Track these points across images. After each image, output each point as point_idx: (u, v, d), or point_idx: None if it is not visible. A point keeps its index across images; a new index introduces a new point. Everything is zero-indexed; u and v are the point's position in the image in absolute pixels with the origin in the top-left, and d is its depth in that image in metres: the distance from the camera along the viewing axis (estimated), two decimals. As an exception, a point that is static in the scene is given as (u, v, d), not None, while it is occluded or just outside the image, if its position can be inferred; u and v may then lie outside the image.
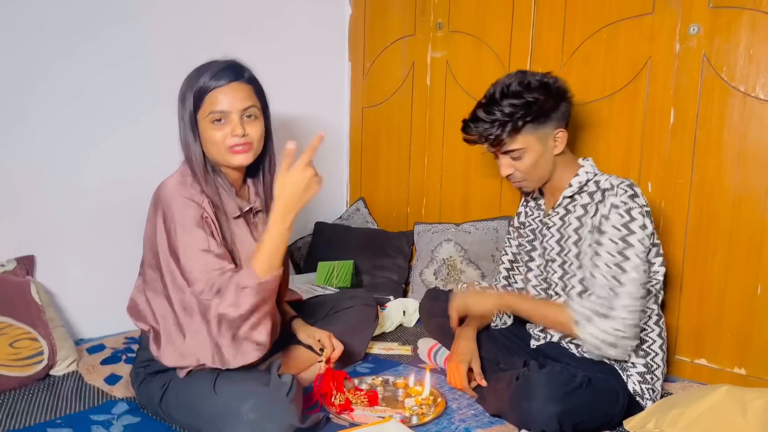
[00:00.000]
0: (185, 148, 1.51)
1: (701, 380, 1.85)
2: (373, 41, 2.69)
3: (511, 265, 1.87)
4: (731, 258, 1.80)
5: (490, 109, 1.57)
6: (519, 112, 1.54)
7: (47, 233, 1.96)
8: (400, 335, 2.22)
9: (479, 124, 1.59)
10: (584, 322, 1.49)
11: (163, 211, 1.45)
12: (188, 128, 1.48)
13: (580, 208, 1.62)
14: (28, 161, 1.90)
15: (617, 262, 1.50)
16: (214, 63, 1.50)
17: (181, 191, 1.46)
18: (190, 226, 1.42)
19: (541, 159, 1.60)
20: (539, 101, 1.55)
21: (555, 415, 1.39)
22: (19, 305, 1.75)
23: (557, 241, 1.67)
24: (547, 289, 1.71)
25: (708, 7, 1.78)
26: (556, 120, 1.60)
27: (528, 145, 1.58)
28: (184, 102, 1.48)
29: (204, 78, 1.45)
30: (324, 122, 2.73)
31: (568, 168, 1.65)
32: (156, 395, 1.49)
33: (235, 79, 1.46)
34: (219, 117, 1.45)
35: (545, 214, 1.73)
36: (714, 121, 1.81)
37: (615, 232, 1.51)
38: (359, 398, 1.63)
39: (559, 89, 1.61)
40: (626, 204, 1.51)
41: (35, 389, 1.67)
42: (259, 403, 1.35)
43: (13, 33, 1.83)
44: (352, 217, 2.79)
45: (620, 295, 1.48)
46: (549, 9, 2.12)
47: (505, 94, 1.56)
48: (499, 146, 1.59)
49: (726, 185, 1.80)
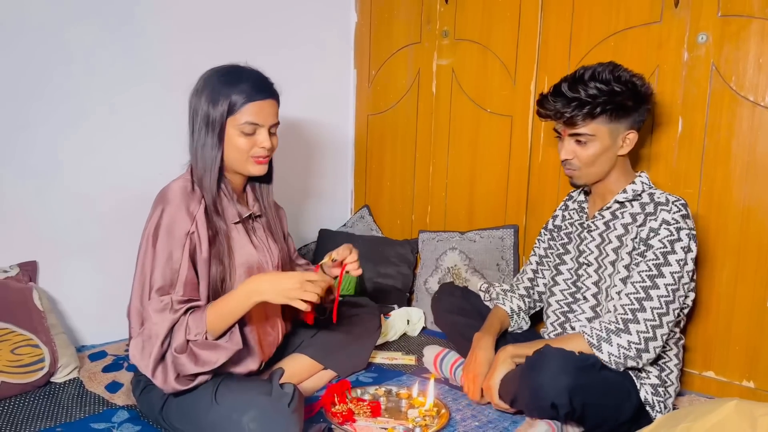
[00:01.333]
0: (199, 149, 1.51)
1: (709, 393, 1.83)
2: (379, 49, 2.68)
3: (537, 267, 1.87)
4: (740, 269, 1.78)
5: (575, 87, 1.56)
6: (602, 98, 1.53)
7: (50, 239, 1.95)
8: (404, 344, 2.20)
9: (559, 99, 1.58)
10: (602, 343, 1.48)
11: (162, 209, 1.47)
12: (214, 130, 1.49)
13: (628, 216, 1.61)
14: (31, 167, 1.90)
15: (651, 275, 1.49)
16: (245, 71, 1.53)
17: (182, 198, 1.48)
18: (172, 239, 1.45)
19: (605, 153, 1.59)
20: (624, 95, 1.54)
21: (565, 388, 1.37)
22: (20, 311, 1.74)
23: (597, 245, 1.66)
24: (575, 293, 1.70)
25: (717, 16, 1.77)
26: (632, 121, 1.59)
27: (598, 134, 1.57)
28: (216, 104, 1.48)
29: (243, 87, 1.48)
30: (329, 129, 2.73)
31: (625, 174, 1.65)
32: (157, 404, 1.48)
33: (271, 95, 1.53)
34: (253, 129, 1.50)
35: (588, 218, 1.72)
36: (723, 130, 1.79)
37: (659, 246, 1.50)
38: (362, 409, 1.61)
39: (645, 92, 1.60)
40: (677, 223, 1.51)
41: (36, 396, 1.66)
42: (260, 413, 1.33)
43: (16, 37, 1.83)
44: (357, 224, 2.77)
45: (645, 309, 1.47)
46: (556, 17, 2.11)
47: (595, 77, 1.55)
48: (570, 126, 1.58)
49: (734, 196, 1.78)
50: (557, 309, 1.75)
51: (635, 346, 1.47)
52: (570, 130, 1.59)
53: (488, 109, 2.33)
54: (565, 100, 1.56)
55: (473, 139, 2.39)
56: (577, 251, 1.72)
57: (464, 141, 2.42)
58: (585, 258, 1.69)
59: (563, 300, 1.73)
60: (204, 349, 1.40)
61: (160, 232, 1.45)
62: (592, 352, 1.49)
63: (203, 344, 1.40)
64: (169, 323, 1.39)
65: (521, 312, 1.86)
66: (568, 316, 1.71)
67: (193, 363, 1.39)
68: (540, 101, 1.65)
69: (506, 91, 2.26)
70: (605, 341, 1.48)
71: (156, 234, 1.45)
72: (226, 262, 1.51)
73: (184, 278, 1.44)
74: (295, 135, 2.59)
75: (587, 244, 1.69)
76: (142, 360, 1.41)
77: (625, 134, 1.60)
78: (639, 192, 1.62)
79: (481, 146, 2.37)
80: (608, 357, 1.48)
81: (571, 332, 1.62)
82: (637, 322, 1.47)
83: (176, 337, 1.39)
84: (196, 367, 1.39)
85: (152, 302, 1.41)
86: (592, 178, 1.65)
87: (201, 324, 1.40)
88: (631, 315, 1.48)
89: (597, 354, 1.48)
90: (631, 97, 1.56)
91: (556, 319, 1.74)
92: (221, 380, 1.44)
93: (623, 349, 1.47)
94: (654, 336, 1.47)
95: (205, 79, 1.53)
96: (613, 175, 1.65)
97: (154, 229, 1.46)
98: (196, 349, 1.39)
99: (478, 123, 2.37)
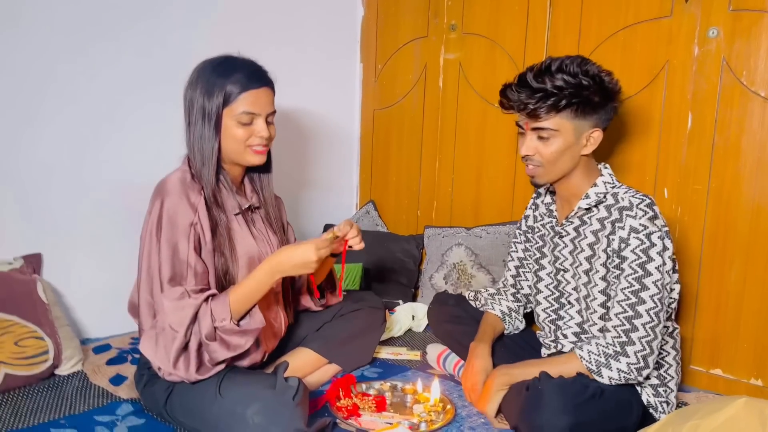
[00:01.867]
0: (196, 142, 1.50)
1: (717, 391, 1.82)
2: (385, 43, 2.67)
3: (517, 271, 1.83)
4: (749, 267, 1.77)
5: (541, 77, 1.48)
6: (568, 90, 1.45)
7: (55, 232, 1.94)
8: (409, 340, 2.19)
9: (523, 90, 1.49)
10: (602, 369, 1.45)
11: (162, 201, 1.46)
12: (210, 122, 1.48)
13: (596, 222, 1.56)
14: (36, 160, 1.89)
15: (635, 290, 1.46)
16: (238, 61, 1.52)
17: (181, 189, 1.47)
18: (176, 229, 1.44)
19: (567, 151, 1.52)
20: (591, 89, 1.47)
21: (567, 427, 1.34)
22: (25, 304, 1.74)
23: (570, 252, 1.62)
24: (558, 298, 1.67)
25: (728, 10, 1.75)
26: (597, 119, 1.52)
27: (561, 130, 1.49)
28: (211, 95, 1.47)
29: (238, 76, 1.47)
30: (335, 124, 2.72)
31: (588, 174, 1.58)
32: (161, 398, 1.47)
33: (266, 84, 1.52)
34: (250, 119, 1.49)
35: (558, 223, 1.67)
36: (733, 126, 1.77)
37: (634, 258, 1.46)
38: (367, 403, 1.60)
39: (612, 89, 1.52)
40: (646, 228, 1.46)
41: (39, 389, 1.66)
42: (264, 406, 1.33)
43: (21, 32, 1.82)
44: (362, 219, 2.76)
45: (637, 328, 1.44)
46: (564, 11, 2.09)
47: (562, 69, 1.47)
48: (533, 119, 1.50)
49: (744, 192, 1.77)
50: (546, 318, 1.71)
51: (635, 367, 1.44)
52: (533, 124, 1.51)
53: (495, 104, 2.31)
54: (529, 91, 1.48)
55: (480, 134, 2.37)
56: (553, 256, 1.67)
57: (471, 136, 2.41)
58: (561, 264, 1.65)
59: (549, 307, 1.70)
60: (232, 335, 1.41)
61: (162, 223, 1.44)
62: (591, 377, 1.47)
63: (231, 330, 1.40)
64: (192, 311, 1.38)
65: (512, 312, 1.82)
66: (558, 324, 1.68)
67: (225, 348, 1.40)
68: (503, 91, 1.55)
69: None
70: (605, 366, 1.45)
71: (159, 226, 1.44)
72: (228, 254, 1.51)
73: (194, 268, 1.44)
74: (300, 129, 2.58)
75: (560, 250, 1.64)
76: (157, 353, 1.41)
77: (590, 132, 1.51)
78: (602, 194, 1.55)
79: (488, 141, 2.35)
80: (609, 381, 1.45)
81: (567, 353, 1.58)
82: (633, 343, 1.44)
83: (203, 324, 1.39)
84: (228, 352, 1.40)
85: (166, 293, 1.40)
86: (553, 176, 1.57)
87: (225, 309, 1.40)
88: (625, 337, 1.45)
89: (597, 378, 1.46)
90: (598, 93, 1.48)
91: (548, 327, 1.72)
92: (225, 373, 1.43)
93: (623, 373, 1.44)
94: (651, 350, 1.45)
95: (199, 71, 1.51)
96: (576, 175, 1.57)
97: (156, 221, 1.44)
98: (224, 336, 1.40)
99: (485, 118, 2.35)
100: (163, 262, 1.42)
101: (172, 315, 1.39)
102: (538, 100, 1.47)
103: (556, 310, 1.69)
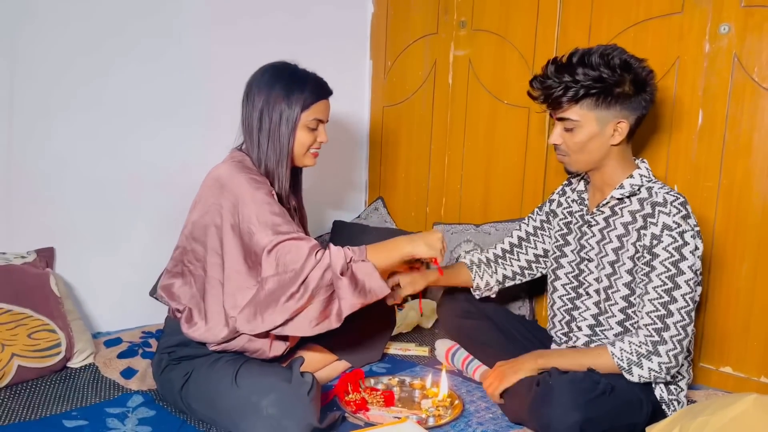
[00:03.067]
0: (272, 141, 1.56)
1: (726, 389, 1.81)
2: (395, 39, 2.67)
3: (520, 243, 1.84)
4: (759, 264, 1.76)
5: (561, 69, 1.51)
6: (586, 82, 1.47)
7: (68, 225, 1.96)
8: (417, 336, 2.20)
9: (546, 81, 1.53)
10: (633, 367, 1.45)
11: (230, 188, 1.48)
12: (289, 124, 1.56)
13: (627, 214, 1.56)
14: (49, 153, 1.91)
15: (668, 289, 1.45)
16: (307, 71, 1.63)
17: (247, 172, 1.52)
18: (264, 197, 1.48)
19: (593, 141, 1.52)
20: (611, 80, 1.47)
21: (577, 424, 1.34)
22: (38, 297, 1.76)
23: (598, 242, 1.62)
24: (577, 288, 1.67)
25: (740, 6, 1.74)
26: (625, 109, 1.51)
27: (583, 121, 1.51)
28: (289, 100, 1.55)
29: (312, 86, 1.60)
30: (344, 120, 2.72)
31: (623, 165, 1.57)
32: (178, 383, 1.50)
33: (330, 94, 1.65)
34: (317, 125, 1.62)
35: (588, 211, 1.67)
36: (744, 123, 1.76)
37: (667, 256, 1.46)
38: (375, 398, 1.61)
39: (643, 79, 1.52)
40: (679, 226, 1.46)
41: (52, 381, 1.68)
42: (280, 398, 1.34)
43: (36, 26, 1.84)
44: (371, 216, 2.77)
45: (669, 326, 1.44)
46: (575, 7, 2.09)
47: (583, 61, 1.49)
48: (556, 109, 1.54)
49: (755, 190, 1.76)
50: (561, 306, 1.71)
51: (665, 366, 1.44)
52: (557, 114, 1.54)
53: (505, 101, 2.31)
54: (550, 82, 1.52)
55: (489, 130, 2.37)
56: (578, 245, 1.68)
57: (480, 133, 2.41)
58: (587, 254, 1.65)
59: (566, 295, 1.70)
60: (364, 276, 1.42)
61: (246, 186, 1.47)
62: (616, 371, 1.46)
63: (365, 270, 1.42)
64: (307, 246, 1.40)
65: (482, 264, 1.84)
66: (573, 315, 1.68)
67: (353, 288, 1.40)
68: (530, 82, 1.60)
69: (524, 83, 2.20)
70: (636, 365, 1.45)
71: (246, 188, 1.47)
72: None
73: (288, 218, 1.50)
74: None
75: (588, 239, 1.65)
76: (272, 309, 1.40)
77: (616, 122, 1.51)
78: (637, 187, 1.55)
79: (498, 138, 2.35)
80: (638, 378, 1.45)
81: (598, 346, 1.58)
82: (665, 342, 1.44)
83: (335, 259, 1.40)
84: (353, 294, 1.40)
85: (273, 241, 1.41)
86: (583, 165, 1.59)
87: (362, 252, 1.45)
88: (657, 336, 1.45)
89: (626, 376, 1.46)
90: (621, 84, 1.48)
91: (562, 316, 1.72)
92: (242, 364, 1.45)
93: (654, 372, 1.45)
94: (681, 349, 1.45)
95: (273, 75, 1.58)
96: (610, 165, 1.57)
97: (243, 185, 1.47)
98: (357, 273, 1.41)
99: (495, 114, 2.35)
100: (259, 219, 1.44)
101: (291, 252, 1.40)
102: (557, 91, 1.50)
103: (572, 299, 1.69)
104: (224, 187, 1.49)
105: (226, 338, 1.49)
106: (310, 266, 1.38)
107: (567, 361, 1.52)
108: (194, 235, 1.55)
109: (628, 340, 1.48)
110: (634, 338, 1.47)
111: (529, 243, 1.83)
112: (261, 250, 1.42)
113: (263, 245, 1.42)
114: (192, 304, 1.54)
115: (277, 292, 1.39)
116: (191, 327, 1.51)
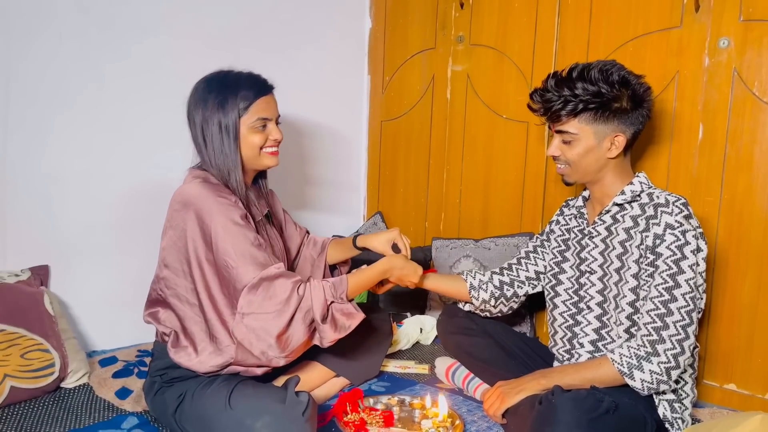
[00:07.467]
0: (218, 156, 1.53)
1: (731, 406, 1.78)
2: (393, 54, 2.67)
3: (519, 261, 1.84)
4: (762, 279, 1.74)
5: (561, 83, 1.54)
6: (585, 97, 1.50)
7: (62, 243, 1.94)
8: (417, 353, 2.17)
9: (546, 94, 1.56)
10: (634, 371, 1.43)
11: (197, 212, 1.45)
12: (230, 135, 1.52)
13: (629, 220, 1.56)
14: (43, 171, 1.89)
15: (668, 287, 1.44)
16: (239, 73, 1.58)
17: (215, 193, 1.48)
18: (234, 226, 1.45)
19: (590, 154, 1.55)
20: (610, 95, 1.50)
21: None
22: (32, 315, 1.73)
23: (601, 252, 1.61)
24: (577, 303, 1.65)
25: (739, 21, 1.73)
26: (622, 123, 1.54)
27: (581, 134, 1.54)
28: (224, 109, 1.51)
29: (246, 87, 1.54)
30: (342, 135, 2.71)
31: (621, 177, 1.59)
32: (171, 405, 1.47)
33: (271, 90, 1.60)
34: (264, 123, 1.56)
35: (588, 223, 1.67)
36: (745, 137, 1.75)
37: (669, 254, 1.45)
38: (374, 418, 1.58)
39: (640, 95, 1.55)
40: (681, 225, 1.46)
41: (45, 402, 1.65)
42: (274, 420, 1.32)
43: (30, 42, 1.83)
44: (369, 231, 2.75)
45: (668, 325, 1.42)
46: (573, 22, 2.08)
47: (582, 75, 1.52)
48: (555, 122, 1.57)
49: (757, 204, 1.74)
50: (563, 323, 1.69)
51: (665, 367, 1.42)
52: (555, 127, 1.58)
53: (504, 115, 2.30)
54: (549, 96, 1.55)
55: (488, 145, 2.36)
56: (577, 259, 1.67)
57: (479, 147, 2.40)
58: (587, 266, 1.64)
59: (567, 311, 1.68)
60: (344, 317, 1.46)
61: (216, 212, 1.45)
62: (620, 380, 1.44)
63: (345, 311, 1.47)
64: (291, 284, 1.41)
65: (475, 272, 1.84)
66: (575, 331, 1.66)
67: (333, 329, 1.45)
68: (531, 94, 1.63)
69: (522, 97, 2.23)
70: (636, 368, 1.43)
71: (205, 230, 1.45)
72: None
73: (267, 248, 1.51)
74: (308, 140, 2.57)
75: (589, 251, 1.64)
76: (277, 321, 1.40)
77: (613, 136, 1.54)
78: (638, 193, 1.57)
79: (496, 152, 2.34)
80: (641, 384, 1.43)
81: (598, 357, 1.55)
82: (663, 341, 1.42)
83: (316, 303, 1.43)
84: (335, 332, 1.45)
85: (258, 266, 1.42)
86: (581, 177, 1.61)
87: (342, 286, 1.48)
88: (656, 335, 1.43)
89: (629, 382, 1.43)
90: (619, 99, 1.51)
91: (564, 333, 1.69)
92: (235, 385, 1.42)
93: (655, 374, 1.42)
94: (682, 350, 1.43)
95: (204, 89, 1.54)
96: (608, 177, 1.59)
97: (201, 227, 1.45)
98: (336, 314, 1.45)
99: (493, 129, 2.34)
100: (236, 251, 1.43)
101: (269, 300, 1.40)
102: (556, 105, 1.53)
103: (573, 314, 1.67)
104: (194, 212, 1.46)
105: (217, 368, 1.46)
106: (293, 307, 1.40)
107: (569, 378, 1.49)
108: (166, 262, 1.53)
109: (626, 344, 1.47)
110: (633, 341, 1.46)
111: (529, 260, 1.82)
112: (242, 286, 1.41)
113: (245, 282, 1.41)
114: (177, 328, 1.52)
115: (262, 330, 1.40)
116: (178, 352, 1.48)
